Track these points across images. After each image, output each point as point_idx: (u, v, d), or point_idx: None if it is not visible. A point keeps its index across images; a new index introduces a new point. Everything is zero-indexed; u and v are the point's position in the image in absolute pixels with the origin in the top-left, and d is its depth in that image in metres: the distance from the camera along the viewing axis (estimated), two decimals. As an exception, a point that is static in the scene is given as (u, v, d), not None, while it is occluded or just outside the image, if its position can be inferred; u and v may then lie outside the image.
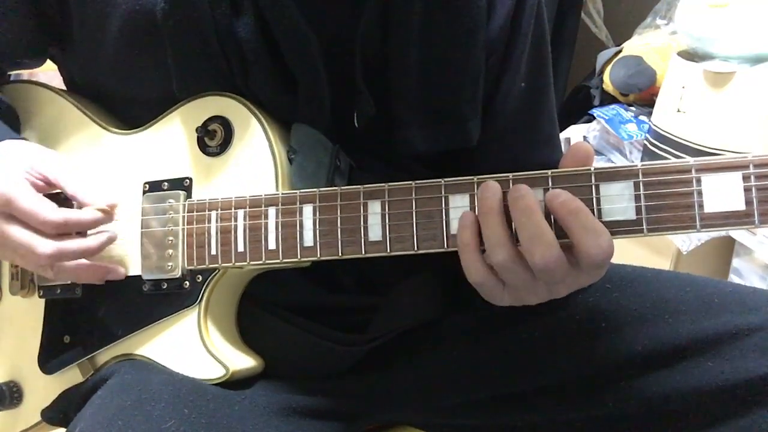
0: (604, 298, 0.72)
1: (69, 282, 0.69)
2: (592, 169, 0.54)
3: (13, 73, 0.79)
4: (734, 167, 0.50)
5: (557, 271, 0.53)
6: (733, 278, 1.43)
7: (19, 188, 0.62)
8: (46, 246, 0.62)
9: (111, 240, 0.65)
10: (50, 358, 0.71)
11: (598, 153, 1.70)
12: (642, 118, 1.63)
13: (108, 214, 0.65)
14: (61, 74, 0.78)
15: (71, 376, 0.70)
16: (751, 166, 0.50)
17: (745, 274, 1.41)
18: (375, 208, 0.59)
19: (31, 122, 0.75)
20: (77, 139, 0.73)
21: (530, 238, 0.53)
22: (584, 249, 0.52)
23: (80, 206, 0.65)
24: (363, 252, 0.59)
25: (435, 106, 0.68)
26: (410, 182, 0.58)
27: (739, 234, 1.38)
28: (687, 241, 1.40)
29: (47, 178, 0.65)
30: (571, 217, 0.52)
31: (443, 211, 0.57)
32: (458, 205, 0.57)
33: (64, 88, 0.78)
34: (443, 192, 0.57)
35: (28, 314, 0.72)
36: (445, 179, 0.57)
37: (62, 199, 0.67)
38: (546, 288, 0.56)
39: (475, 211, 0.56)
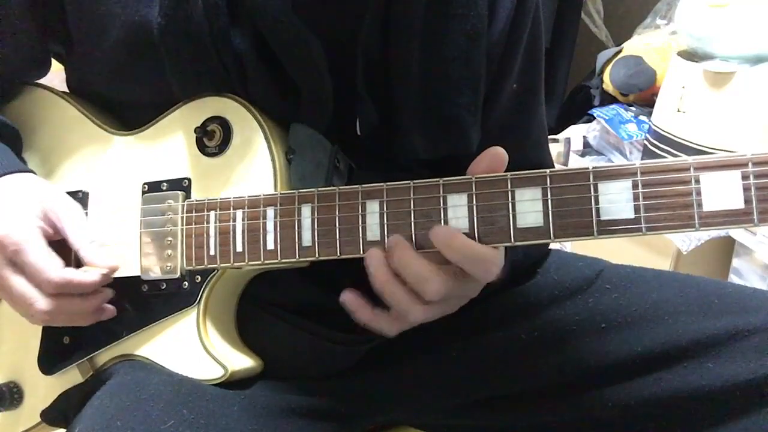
0: (604, 298, 0.72)
1: None
2: (590, 167, 0.54)
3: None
4: (733, 165, 0.50)
5: (454, 292, 0.57)
6: (733, 278, 1.43)
7: (31, 238, 0.62)
8: (43, 303, 0.62)
9: (105, 300, 0.66)
10: (50, 359, 0.71)
11: (598, 153, 1.70)
12: (642, 118, 1.63)
13: (107, 278, 0.65)
14: (66, 73, 0.78)
15: (71, 377, 0.70)
16: (750, 164, 0.50)
17: (745, 274, 1.41)
18: (373, 207, 0.59)
19: (33, 125, 0.75)
20: (77, 141, 0.73)
21: (415, 282, 0.56)
22: (474, 276, 0.56)
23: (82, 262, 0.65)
24: (361, 251, 0.59)
25: (436, 113, 0.67)
26: (408, 182, 0.58)
27: (739, 234, 1.38)
28: (687, 241, 1.40)
29: (56, 227, 0.66)
30: (457, 254, 0.55)
31: (441, 210, 0.57)
32: (456, 204, 0.57)
33: (64, 88, 0.78)
34: (441, 191, 0.57)
35: (28, 315, 0.72)
36: (443, 179, 0.57)
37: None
38: (457, 302, 0.60)
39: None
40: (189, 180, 0.67)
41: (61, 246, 0.65)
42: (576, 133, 1.74)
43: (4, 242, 0.62)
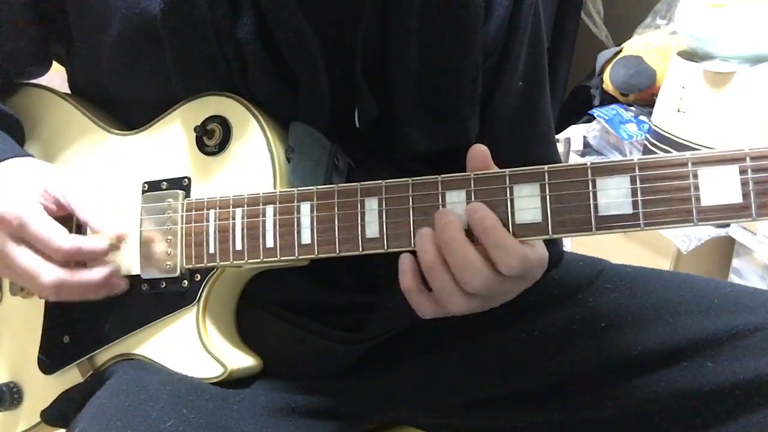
0: (604, 298, 0.72)
1: None
2: (589, 163, 0.54)
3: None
4: (731, 160, 0.50)
5: (493, 289, 0.56)
6: (733, 278, 1.42)
7: (34, 212, 0.63)
8: (50, 275, 0.62)
9: (114, 274, 0.66)
10: (50, 358, 0.71)
11: (598, 153, 1.70)
12: (642, 118, 1.63)
13: (116, 245, 0.65)
14: (67, 74, 0.78)
15: (71, 377, 0.70)
16: (747, 158, 0.50)
17: (745, 274, 1.41)
18: (372, 204, 0.59)
19: (34, 125, 0.75)
20: (78, 141, 0.73)
21: (458, 268, 0.55)
22: (497, 264, 0.55)
23: (90, 231, 0.66)
24: (360, 249, 0.59)
25: (434, 105, 0.68)
26: (407, 179, 0.58)
27: (739, 234, 1.38)
28: (687, 241, 1.40)
29: (59, 202, 0.66)
30: (484, 235, 0.55)
31: (440, 207, 0.57)
32: (455, 200, 0.57)
33: (65, 88, 0.78)
34: (440, 188, 0.57)
35: (28, 314, 0.72)
36: (442, 175, 0.57)
37: (70, 222, 0.67)
38: (496, 300, 0.60)
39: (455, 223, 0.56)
40: (189, 179, 0.67)
41: (62, 223, 0.65)
42: (576, 133, 1.74)
43: (6, 217, 0.62)
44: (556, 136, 1.71)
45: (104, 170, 0.71)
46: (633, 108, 1.68)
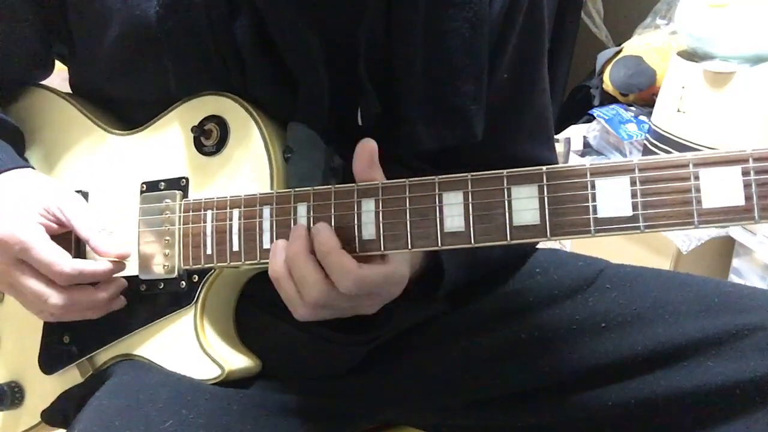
0: (604, 298, 0.72)
1: None
2: (588, 164, 0.53)
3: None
4: (733, 161, 0.49)
5: (336, 303, 0.58)
6: (733, 278, 1.42)
7: (36, 235, 0.63)
8: (57, 298, 0.63)
9: (120, 289, 0.66)
10: (50, 358, 0.71)
11: (598, 153, 1.70)
12: (642, 118, 1.63)
13: (120, 265, 0.66)
14: (68, 74, 0.78)
15: (71, 377, 0.70)
16: (750, 160, 0.49)
17: (745, 274, 1.40)
18: (369, 206, 0.59)
19: (36, 126, 0.75)
20: (78, 142, 0.73)
21: (298, 282, 0.58)
22: (336, 284, 0.56)
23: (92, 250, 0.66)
24: (357, 251, 0.59)
25: (439, 102, 0.67)
26: (404, 180, 0.58)
27: (739, 234, 1.38)
28: (687, 241, 1.40)
29: (60, 221, 0.66)
30: (322, 258, 0.57)
31: (437, 208, 0.56)
32: (452, 202, 0.56)
33: (65, 88, 0.78)
34: (437, 189, 0.57)
35: (29, 314, 0.71)
36: (439, 176, 0.57)
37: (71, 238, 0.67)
38: (346, 311, 0.60)
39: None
40: (186, 179, 0.67)
41: (60, 241, 0.65)
42: (576, 133, 1.73)
43: (9, 242, 0.62)
44: (557, 136, 1.71)
45: (103, 170, 0.71)
46: (633, 108, 1.67)
